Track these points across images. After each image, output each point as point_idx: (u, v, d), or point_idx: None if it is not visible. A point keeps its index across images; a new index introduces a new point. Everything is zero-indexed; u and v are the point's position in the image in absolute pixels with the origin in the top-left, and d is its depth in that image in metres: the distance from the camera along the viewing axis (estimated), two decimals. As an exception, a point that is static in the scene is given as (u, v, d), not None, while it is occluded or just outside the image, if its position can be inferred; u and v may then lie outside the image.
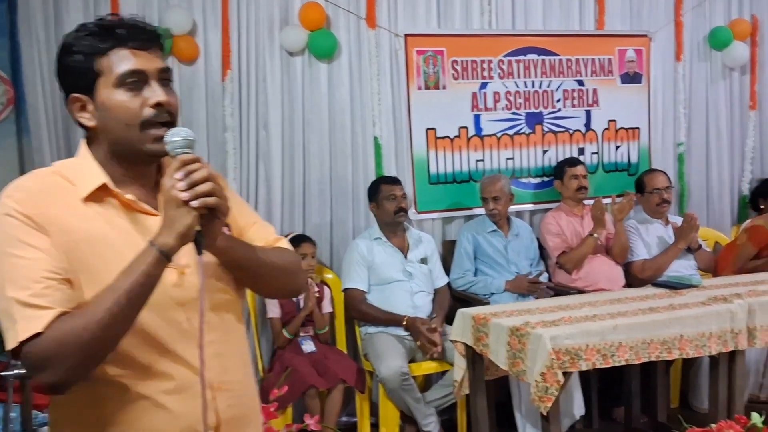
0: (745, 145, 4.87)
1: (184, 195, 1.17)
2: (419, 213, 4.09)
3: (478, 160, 4.23)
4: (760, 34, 4.84)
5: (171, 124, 1.28)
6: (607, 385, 3.93)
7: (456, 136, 4.16)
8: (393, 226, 3.71)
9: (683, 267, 4.05)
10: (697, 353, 2.89)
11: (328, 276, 3.84)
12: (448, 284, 3.89)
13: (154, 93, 1.26)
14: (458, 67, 4.12)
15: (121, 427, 1.25)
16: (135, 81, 1.26)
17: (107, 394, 1.25)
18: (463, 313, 3.12)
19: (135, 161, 1.31)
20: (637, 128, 4.55)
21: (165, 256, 1.18)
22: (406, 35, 3.98)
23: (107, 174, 1.28)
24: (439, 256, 4.00)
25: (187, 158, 1.20)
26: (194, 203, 1.17)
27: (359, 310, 3.63)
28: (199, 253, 1.21)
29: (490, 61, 4.19)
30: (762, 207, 4.58)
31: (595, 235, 3.94)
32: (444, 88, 4.10)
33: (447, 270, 3.96)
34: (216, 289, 1.33)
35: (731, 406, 3.05)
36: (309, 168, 3.90)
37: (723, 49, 4.69)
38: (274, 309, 3.53)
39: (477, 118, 4.20)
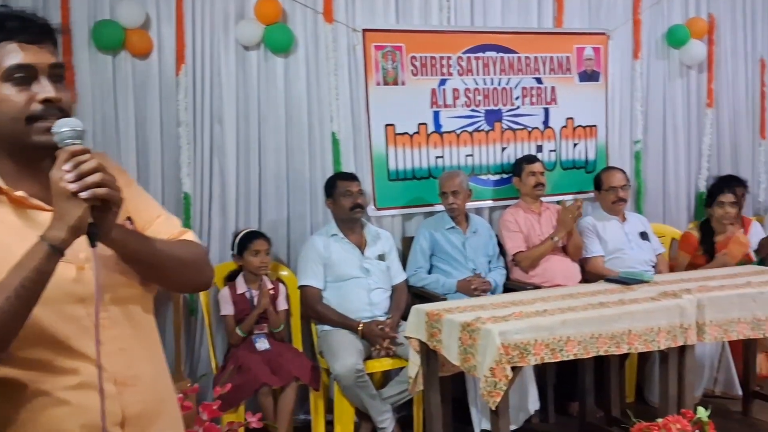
0: (702, 142, 4.93)
1: (73, 186, 1.14)
2: (378, 209, 4.08)
3: (437, 157, 4.23)
4: (717, 33, 4.91)
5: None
6: (562, 380, 3.97)
7: (415, 133, 4.15)
8: (350, 222, 3.69)
9: (638, 263, 4.10)
10: (647, 348, 2.91)
11: (284, 273, 3.80)
12: (407, 281, 3.89)
13: (43, 89, 1.23)
14: (417, 63, 4.11)
15: (24, 425, 1.22)
16: (23, 76, 1.23)
17: (5, 394, 1.22)
18: (418, 310, 3.11)
19: (25, 156, 1.27)
20: (595, 126, 4.59)
21: (56, 251, 1.15)
22: (364, 30, 3.96)
23: None
24: (398, 253, 3.99)
25: (76, 149, 1.17)
26: (84, 194, 1.14)
27: (315, 310, 3.60)
28: (92, 245, 1.19)
29: (449, 58, 4.19)
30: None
31: (556, 238, 3.96)
32: (403, 84, 4.09)
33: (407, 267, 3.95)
34: (120, 283, 1.31)
35: (681, 400, 3.07)
36: (265, 163, 3.86)
37: (680, 47, 4.74)
38: (227, 307, 3.49)
39: (436, 114, 4.20)
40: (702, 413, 2.65)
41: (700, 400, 3.93)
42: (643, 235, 4.27)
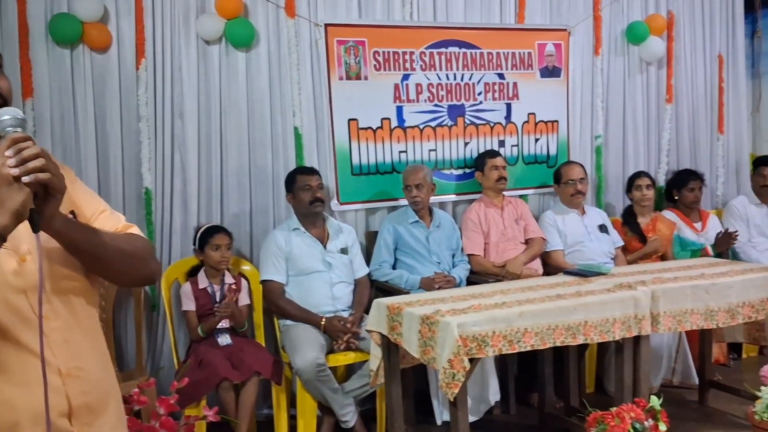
0: (662, 137, 5.02)
1: (15, 171, 1.14)
2: (342, 204, 4.09)
3: (400, 152, 4.25)
4: (676, 29, 5.00)
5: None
6: (523, 372, 4.03)
7: (378, 127, 4.17)
8: (310, 216, 3.69)
9: (597, 255, 4.17)
10: (602, 338, 2.97)
11: (246, 268, 3.80)
12: (370, 275, 3.91)
13: None
14: (380, 58, 4.13)
15: None
16: None
17: None
18: (379, 303, 3.13)
19: None
20: (556, 121, 4.65)
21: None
22: (327, 25, 3.96)
23: None
24: (362, 248, 4.01)
25: (18, 137, 1.17)
26: (26, 179, 1.14)
27: (277, 305, 3.61)
28: (35, 231, 1.18)
29: (411, 53, 4.21)
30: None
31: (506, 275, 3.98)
32: (366, 78, 4.10)
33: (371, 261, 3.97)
34: (62, 275, 1.31)
35: (637, 389, 3.14)
36: (227, 158, 3.85)
37: (640, 43, 4.82)
38: (188, 302, 3.48)
39: (399, 109, 4.22)
40: (654, 402, 2.72)
41: (659, 389, 4.03)
42: (602, 228, 4.34)
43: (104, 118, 3.63)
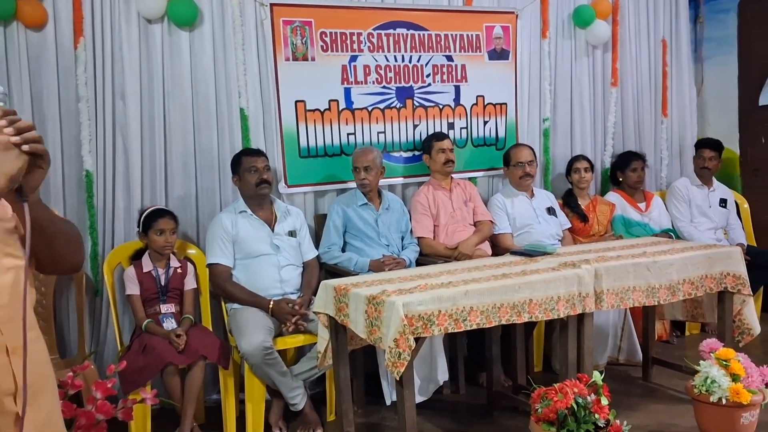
0: (607, 120, 5.10)
1: (15, 139, 1.19)
2: (290, 186, 4.05)
3: (349, 134, 4.22)
4: (621, 13, 5.07)
5: None
6: (473, 352, 4.07)
7: (326, 109, 4.13)
8: (257, 198, 3.65)
9: (545, 237, 4.22)
10: (546, 316, 3.00)
11: (192, 251, 3.74)
12: (319, 258, 3.88)
13: None
14: (327, 39, 4.09)
15: None
16: None
17: None
18: (326, 285, 3.12)
19: None
20: (505, 104, 4.67)
21: None
22: (272, 4, 3.90)
23: None
24: (311, 230, 3.98)
25: (8, 110, 1.23)
26: (26, 147, 1.20)
27: (224, 289, 3.56)
28: (23, 200, 1.23)
29: (359, 34, 4.18)
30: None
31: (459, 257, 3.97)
32: (313, 59, 4.05)
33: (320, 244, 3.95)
34: (3, 253, 1.30)
35: (581, 366, 3.19)
36: (171, 140, 3.77)
37: (586, 27, 4.88)
38: (132, 286, 3.41)
39: (347, 91, 4.19)
40: (597, 377, 2.76)
41: (605, 367, 4.12)
42: (550, 210, 4.40)
43: (41, 98, 3.51)
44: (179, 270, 3.50)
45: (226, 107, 3.87)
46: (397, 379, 2.72)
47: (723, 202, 4.93)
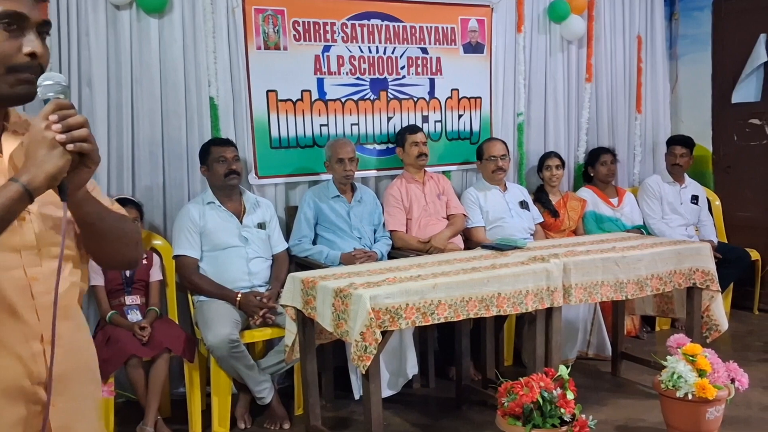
0: (581, 116, 5.10)
1: (61, 137, 1.16)
2: (260, 178, 3.99)
3: (322, 125, 4.18)
4: (596, 9, 5.06)
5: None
6: (443, 346, 4.05)
7: (299, 100, 4.08)
8: (226, 189, 3.59)
9: (517, 231, 4.22)
10: (515, 310, 2.99)
11: (158, 242, 3.67)
12: (289, 250, 3.84)
13: (31, 42, 1.24)
14: (300, 29, 4.03)
15: None
16: (14, 24, 1.23)
17: None
18: (293, 278, 3.08)
19: None
20: (479, 98, 4.65)
21: (29, 195, 1.15)
22: (244, -8, 3.85)
23: None
24: (281, 222, 3.94)
25: (63, 103, 1.18)
26: (70, 146, 1.16)
27: (190, 281, 3.50)
28: (63, 199, 1.20)
29: (333, 24, 4.13)
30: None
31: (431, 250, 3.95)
32: (285, 49, 4.00)
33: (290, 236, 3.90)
34: (51, 242, 1.30)
35: (549, 360, 3.18)
36: (138, 128, 3.70)
37: (561, 22, 4.87)
38: (97, 277, 3.34)
39: (320, 81, 4.14)
40: (563, 371, 2.75)
41: (575, 361, 4.12)
42: (523, 204, 4.40)
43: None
44: (145, 261, 3.44)
45: (196, 96, 3.80)
46: (363, 373, 2.69)
47: (694, 199, 4.96)
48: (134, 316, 3.34)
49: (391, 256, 3.96)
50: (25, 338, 1.25)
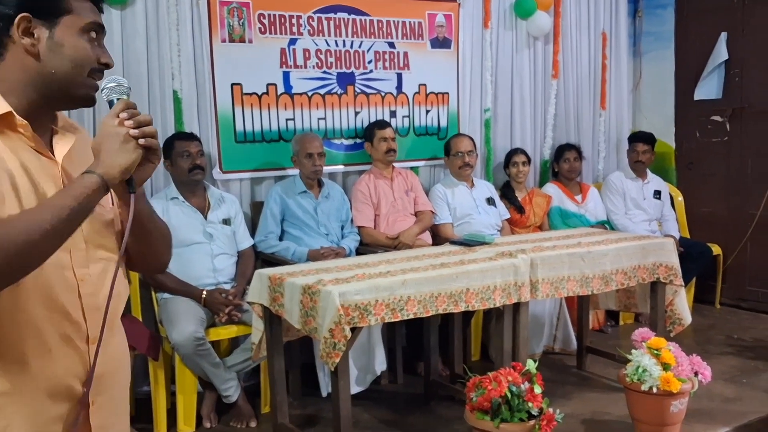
0: (547, 112, 5.13)
1: (134, 132, 1.23)
2: (225, 172, 3.93)
3: (288, 119, 4.13)
4: (562, 5, 5.10)
5: None
6: (411, 342, 4.04)
7: (264, 93, 4.03)
8: (190, 184, 3.53)
9: (485, 227, 4.23)
10: (483, 305, 3.00)
11: (121, 238, 3.59)
12: (255, 247, 3.79)
13: (105, 53, 1.32)
14: (265, 21, 3.97)
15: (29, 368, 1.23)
16: (95, 34, 1.31)
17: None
18: (260, 274, 3.03)
19: (55, 102, 1.31)
20: (447, 93, 4.65)
21: (105, 186, 1.20)
22: (208, -16, 3.77)
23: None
24: (246, 218, 3.88)
25: (131, 103, 1.27)
26: (142, 141, 1.24)
27: (154, 279, 3.42)
28: (132, 191, 1.26)
29: (299, 17, 4.08)
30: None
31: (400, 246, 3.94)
32: (250, 42, 3.94)
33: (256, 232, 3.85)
34: (97, 244, 1.32)
35: (516, 355, 3.19)
36: (100, 122, 3.60)
37: (527, 18, 4.89)
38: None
39: (286, 75, 4.09)
40: (531, 365, 2.76)
41: (541, 356, 4.15)
42: (490, 201, 4.41)
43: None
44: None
45: (159, 89, 3.73)
46: (332, 369, 2.67)
47: (657, 194, 5.03)
48: (96, 314, 3.25)
49: (359, 252, 3.94)
50: (75, 338, 1.27)
